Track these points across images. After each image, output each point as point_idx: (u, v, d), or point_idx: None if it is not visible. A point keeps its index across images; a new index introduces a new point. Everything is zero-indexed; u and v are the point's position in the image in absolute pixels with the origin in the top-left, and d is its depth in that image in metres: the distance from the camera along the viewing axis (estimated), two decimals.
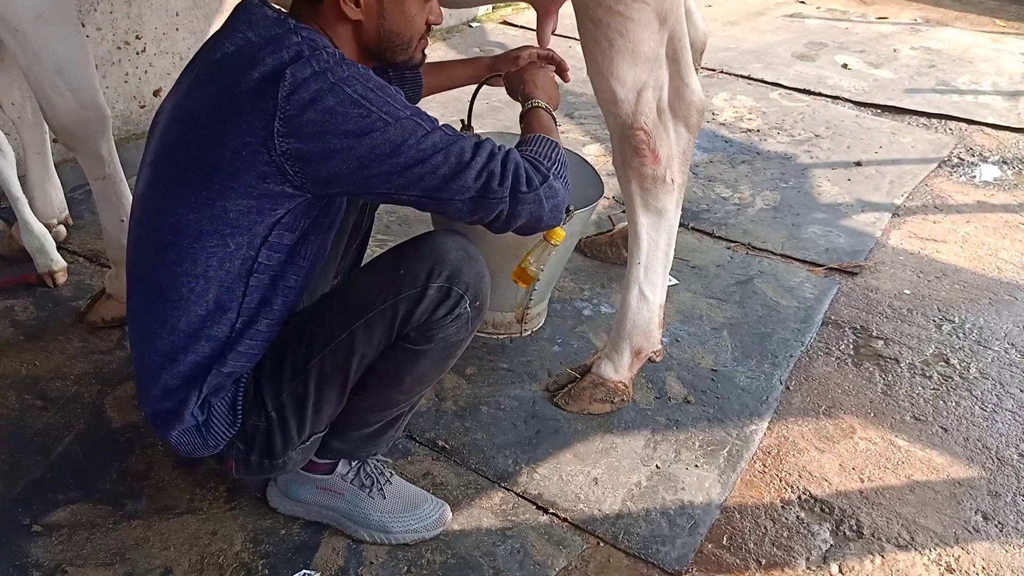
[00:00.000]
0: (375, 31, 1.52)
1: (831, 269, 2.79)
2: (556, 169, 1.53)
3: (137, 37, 3.27)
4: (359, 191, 1.47)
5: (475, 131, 2.16)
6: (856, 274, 2.76)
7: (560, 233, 1.81)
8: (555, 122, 1.73)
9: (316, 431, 1.63)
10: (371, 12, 1.50)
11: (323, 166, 1.39)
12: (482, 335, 2.34)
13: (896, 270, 2.82)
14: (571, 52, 2.16)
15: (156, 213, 1.50)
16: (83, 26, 3.04)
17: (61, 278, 2.42)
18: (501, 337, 2.35)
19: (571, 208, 2.08)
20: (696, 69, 2.20)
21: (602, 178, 2.30)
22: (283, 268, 1.52)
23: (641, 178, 1.93)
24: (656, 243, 2.02)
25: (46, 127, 2.47)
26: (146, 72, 3.35)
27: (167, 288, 1.49)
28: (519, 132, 1.74)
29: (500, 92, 1.99)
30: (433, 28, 1.65)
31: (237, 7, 1.51)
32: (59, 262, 2.41)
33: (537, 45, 2.04)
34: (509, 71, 1.93)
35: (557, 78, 1.95)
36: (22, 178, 2.49)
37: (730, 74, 4.50)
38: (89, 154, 2.11)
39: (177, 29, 3.41)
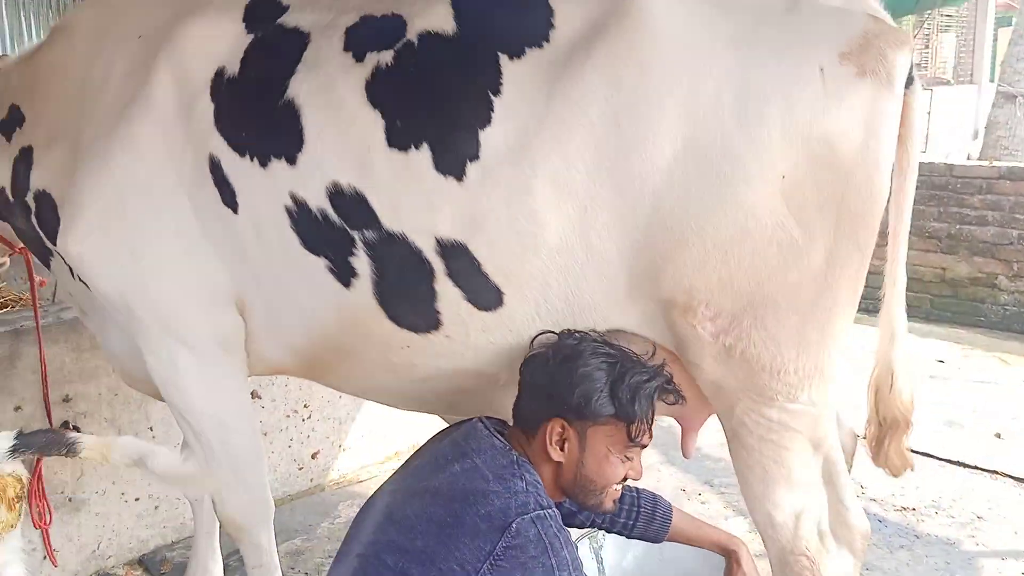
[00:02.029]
0: (572, 475, 1.66)
1: None
2: None
3: (305, 406, 3.57)
4: None
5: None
6: None
7: None
8: None
9: None
10: (572, 458, 1.65)
11: None
12: None
13: None
14: None
15: None
16: (260, 397, 3.37)
17: None
18: None
19: None
20: (848, 469, 2.17)
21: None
22: None
23: None
24: None
25: None
26: (308, 437, 3.61)
27: None
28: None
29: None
30: None
31: (465, 427, 1.70)
32: None
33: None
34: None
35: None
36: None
37: None
38: (249, 542, 2.23)
39: (340, 397, 3.71)
